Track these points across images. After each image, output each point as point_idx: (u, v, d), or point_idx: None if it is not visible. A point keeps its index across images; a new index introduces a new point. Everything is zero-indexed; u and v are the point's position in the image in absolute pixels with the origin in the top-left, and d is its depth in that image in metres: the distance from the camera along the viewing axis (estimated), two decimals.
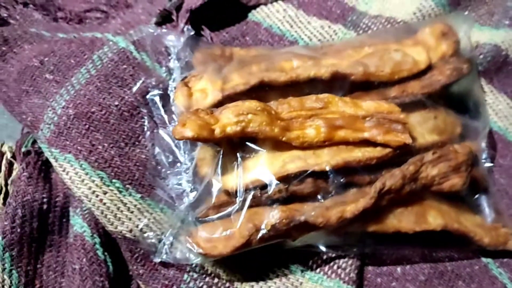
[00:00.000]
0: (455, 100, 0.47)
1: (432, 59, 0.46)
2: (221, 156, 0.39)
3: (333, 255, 0.42)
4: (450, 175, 0.41)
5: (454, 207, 0.43)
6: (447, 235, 0.41)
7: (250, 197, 0.38)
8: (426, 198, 0.42)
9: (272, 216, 0.37)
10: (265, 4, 0.54)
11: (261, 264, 0.42)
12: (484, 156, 0.46)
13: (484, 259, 0.44)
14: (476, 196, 0.45)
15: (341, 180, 0.39)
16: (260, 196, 0.38)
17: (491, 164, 0.46)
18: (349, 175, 0.40)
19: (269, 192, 0.38)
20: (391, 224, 0.40)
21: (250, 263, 0.41)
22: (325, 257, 0.42)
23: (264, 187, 0.39)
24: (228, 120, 0.38)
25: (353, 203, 0.38)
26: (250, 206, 0.39)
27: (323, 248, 0.41)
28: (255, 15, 0.53)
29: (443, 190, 0.41)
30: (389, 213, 0.40)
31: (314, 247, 0.41)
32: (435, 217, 0.41)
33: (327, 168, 0.39)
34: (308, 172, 0.39)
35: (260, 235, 0.37)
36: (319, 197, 0.39)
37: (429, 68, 0.45)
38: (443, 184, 0.41)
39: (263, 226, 0.37)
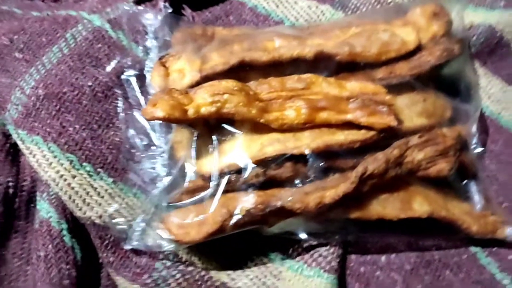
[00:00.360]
0: (446, 83, 0.45)
1: (422, 39, 0.44)
2: (195, 138, 0.37)
3: (314, 243, 0.40)
4: (437, 160, 0.39)
5: (441, 194, 0.41)
6: (434, 222, 0.40)
7: (224, 181, 0.36)
8: (412, 184, 0.40)
9: (247, 201, 0.35)
10: None
11: (239, 251, 0.40)
12: (474, 140, 0.43)
13: (472, 248, 0.42)
14: (465, 182, 0.43)
15: (321, 164, 0.37)
16: (235, 181, 0.36)
17: (482, 149, 0.44)
18: (331, 159, 0.38)
19: (245, 176, 0.36)
20: (375, 211, 0.38)
21: (227, 251, 0.40)
22: (306, 245, 0.40)
23: (240, 171, 0.37)
24: (203, 100, 0.36)
25: (334, 187, 0.36)
26: (226, 191, 0.37)
27: (303, 236, 0.39)
28: None
29: (430, 175, 0.39)
30: (373, 199, 0.39)
31: (294, 235, 0.39)
32: (421, 204, 0.39)
33: (307, 152, 0.37)
34: (287, 155, 0.37)
35: (234, 220, 0.35)
36: (297, 181, 0.37)
37: (418, 49, 0.43)
38: (429, 169, 0.39)
39: (237, 211, 0.35)
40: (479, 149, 0.44)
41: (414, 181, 0.40)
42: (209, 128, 0.39)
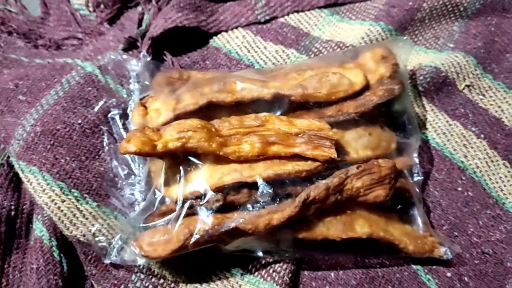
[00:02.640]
0: (394, 118, 0.51)
1: (371, 80, 0.50)
2: (163, 169, 0.44)
3: (271, 259, 0.46)
4: (374, 187, 0.44)
5: (384, 217, 0.46)
6: (378, 243, 0.45)
7: (187, 205, 0.42)
8: (357, 208, 0.46)
9: (205, 223, 0.41)
10: (226, 30, 0.59)
11: (205, 266, 0.46)
12: (417, 170, 0.49)
13: (413, 266, 0.47)
14: (409, 207, 0.48)
15: (270, 191, 0.43)
16: (197, 205, 0.43)
17: (422, 178, 0.49)
18: (282, 186, 0.44)
19: (203, 202, 0.42)
20: (320, 232, 0.44)
21: (194, 266, 0.46)
22: (263, 261, 0.46)
23: (201, 197, 0.43)
24: (170, 137, 0.43)
25: (281, 211, 0.42)
26: (190, 214, 0.43)
27: (260, 253, 0.45)
28: (216, 41, 0.58)
29: (368, 201, 0.44)
30: (319, 221, 0.44)
31: (252, 252, 0.45)
32: (362, 226, 0.45)
33: (258, 180, 0.43)
34: (243, 183, 0.43)
35: (194, 239, 0.41)
36: (248, 206, 0.43)
37: (366, 88, 0.49)
38: (368, 195, 0.44)
39: (196, 231, 0.41)
40: (420, 178, 0.49)
41: (360, 206, 0.46)
42: (178, 159, 0.45)
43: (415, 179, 0.48)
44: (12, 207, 0.47)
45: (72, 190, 0.46)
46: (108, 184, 0.47)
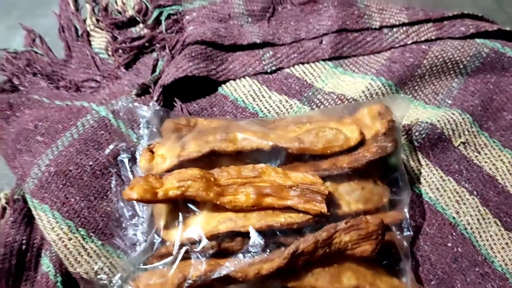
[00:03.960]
0: (389, 173, 0.53)
1: (366, 135, 0.52)
2: (164, 213, 0.47)
3: None
4: (361, 242, 0.46)
5: (372, 270, 0.48)
6: None
7: (182, 251, 0.45)
8: (345, 261, 0.47)
9: (198, 268, 0.44)
10: (234, 79, 0.62)
11: None
12: (407, 224, 0.50)
13: None
14: (398, 261, 0.50)
15: (261, 241, 0.45)
16: (192, 251, 0.45)
17: (411, 233, 0.50)
18: (274, 237, 0.47)
19: (198, 249, 0.45)
20: (308, 282, 0.46)
21: None
22: None
23: (198, 242, 0.46)
24: (171, 185, 0.46)
25: (271, 261, 0.45)
26: (186, 258, 0.46)
27: None
28: (224, 88, 0.62)
29: (355, 255, 0.46)
30: (307, 271, 0.46)
31: None
32: (349, 278, 0.46)
33: (251, 231, 0.45)
34: (237, 232, 0.46)
35: (187, 284, 0.44)
36: (240, 255, 0.45)
37: (361, 144, 0.52)
38: (355, 250, 0.46)
39: (189, 276, 0.44)
40: (409, 233, 0.50)
41: (348, 259, 0.48)
42: (178, 205, 0.48)
43: (405, 234, 0.50)
44: (24, 241, 0.50)
45: (79, 229, 0.49)
46: (113, 224, 0.51)
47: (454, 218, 0.53)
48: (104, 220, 0.50)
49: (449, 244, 0.52)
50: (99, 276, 0.48)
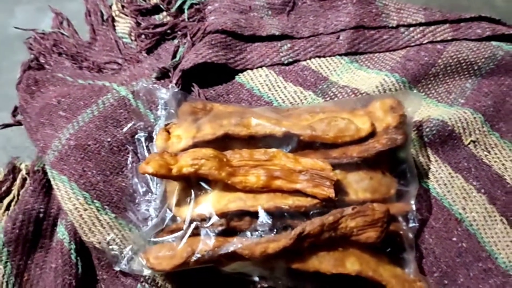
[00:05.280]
0: (397, 165, 0.54)
1: (377, 128, 0.53)
2: (176, 190, 0.49)
3: (265, 285, 0.49)
4: (367, 229, 0.47)
5: (376, 258, 0.49)
6: (367, 281, 0.48)
7: (192, 226, 0.47)
8: (350, 246, 0.48)
9: (207, 244, 0.46)
10: (251, 69, 0.64)
11: (204, 284, 0.50)
12: (413, 216, 0.51)
13: None
14: (403, 251, 0.50)
15: (269, 221, 0.47)
16: (201, 227, 0.47)
17: (417, 225, 0.51)
18: (282, 219, 0.48)
19: (208, 225, 0.46)
20: (312, 264, 0.47)
21: (195, 282, 0.50)
22: (258, 286, 0.50)
23: (207, 219, 0.47)
24: (185, 162, 0.48)
25: (277, 241, 0.46)
26: (195, 234, 0.47)
27: (255, 278, 0.48)
28: (241, 77, 0.63)
29: (360, 240, 0.47)
30: (312, 254, 0.47)
31: (248, 276, 0.49)
32: (353, 263, 0.47)
33: (260, 210, 0.47)
34: (246, 211, 0.47)
35: (195, 258, 0.45)
36: (248, 233, 0.47)
37: (371, 135, 0.53)
38: (360, 236, 0.47)
39: (197, 251, 0.45)
40: (415, 225, 0.51)
41: (353, 245, 0.49)
42: (190, 183, 0.50)
43: (411, 225, 0.51)
44: (42, 209, 0.53)
45: (95, 201, 0.51)
46: (127, 199, 0.52)
47: (460, 214, 0.54)
48: (118, 194, 0.52)
49: (454, 239, 0.52)
50: (111, 247, 0.49)
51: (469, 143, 0.57)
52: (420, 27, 0.65)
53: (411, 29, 0.65)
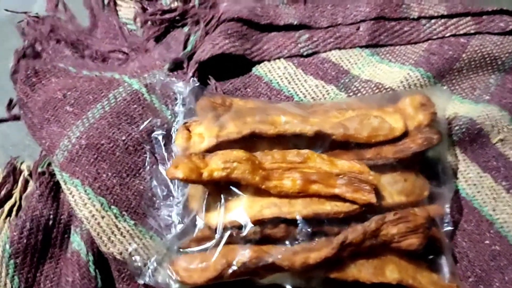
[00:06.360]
0: (428, 166, 0.52)
1: (409, 126, 0.51)
2: (206, 196, 0.45)
3: None
4: (409, 235, 0.45)
5: (413, 264, 0.47)
6: None
7: (226, 235, 0.43)
8: (388, 253, 0.46)
9: (244, 254, 0.42)
10: (269, 60, 0.60)
11: None
12: (447, 219, 0.50)
13: None
14: (437, 256, 0.49)
15: (309, 229, 0.44)
16: (236, 235, 0.43)
17: (452, 228, 0.50)
18: (318, 225, 0.45)
19: (243, 234, 0.43)
20: (351, 273, 0.45)
21: None
22: None
23: (241, 227, 0.44)
24: (216, 166, 0.44)
25: (318, 250, 0.43)
26: (227, 243, 0.44)
27: None
28: (258, 69, 0.60)
29: (401, 247, 0.45)
30: (351, 263, 0.45)
31: (281, 287, 0.46)
32: (392, 271, 0.45)
33: (298, 217, 0.44)
34: (281, 218, 0.44)
35: (231, 270, 0.42)
36: (287, 242, 0.43)
37: (404, 134, 0.50)
38: (401, 242, 0.45)
39: (234, 263, 0.42)
40: (450, 228, 0.50)
41: (391, 251, 0.46)
42: (219, 187, 0.46)
43: (445, 228, 0.49)
44: (51, 216, 0.48)
45: (112, 207, 0.47)
46: (146, 203, 0.48)
47: (491, 215, 0.52)
48: (136, 199, 0.48)
49: (487, 242, 0.51)
50: (133, 258, 0.45)
51: (497, 142, 0.56)
52: (442, 20, 0.63)
53: (433, 21, 0.63)
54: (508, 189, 0.53)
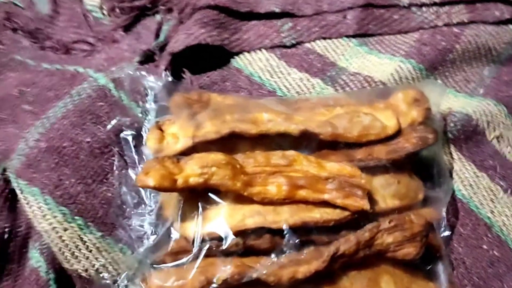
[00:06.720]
0: (422, 166, 0.48)
1: (402, 124, 0.47)
2: (181, 204, 0.40)
3: None
4: (405, 244, 0.41)
5: (409, 273, 0.44)
6: None
7: (205, 248, 0.39)
8: (382, 263, 0.43)
9: (225, 270, 0.38)
10: (249, 51, 0.55)
11: None
12: (444, 223, 0.46)
13: None
14: (433, 263, 0.45)
15: (296, 240, 0.40)
16: (216, 248, 0.39)
17: (450, 233, 0.46)
18: (307, 234, 0.41)
19: (224, 246, 0.39)
20: (343, 286, 0.41)
21: None
22: None
23: (221, 239, 0.39)
24: (192, 172, 0.39)
25: (307, 263, 0.39)
26: (206, 256, 0.39)
27: None
28: (238, 61, 0.55)
29: (397, 257, 0.42)
30: (343, 275, 0.41)
31: None
32: (387, 282, 0.42)
33: (284, 227, 0.39)
34: (266, 228, 0.40)
35: None
36: (272, 255, 0.39)
37: (397, 133, 0.46)
38: (397, 252, 0.41)
39: (214, 280, 0.38)
40: (448, 232, 0.46)
41: (385, 261, 0.43)
42: (196, 194, 0.41)
43: (442, 234, 0.46)
44: (6, 229, 0.43)
45: (76, 217, 0.42)
46: (114, 212, 0.44)
47: (489, 218, 0.49)
48: (104, 208, 0.43)
49: (485, 247, 0.48)
50: (101, 275, 0.41)
51: (493, 139, 0.52)
52: (433, 7, 0.59)
53: (424, 9, 0.59)
54: (506, 189, 0.50)
